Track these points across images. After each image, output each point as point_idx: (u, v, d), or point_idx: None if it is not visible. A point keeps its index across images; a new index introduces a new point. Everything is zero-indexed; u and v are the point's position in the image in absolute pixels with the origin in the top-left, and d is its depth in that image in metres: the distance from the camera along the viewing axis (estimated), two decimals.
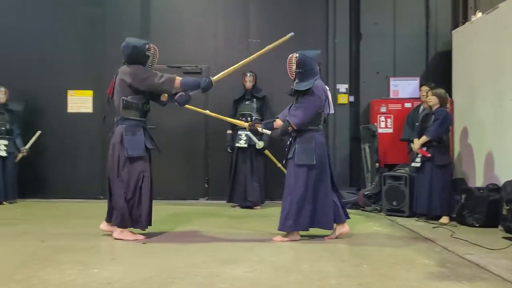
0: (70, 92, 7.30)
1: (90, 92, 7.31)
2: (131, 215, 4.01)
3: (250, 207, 6.26)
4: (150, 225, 4.17)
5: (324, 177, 4.07)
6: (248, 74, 6.47)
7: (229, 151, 6.52)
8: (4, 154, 6.52)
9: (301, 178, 4.00)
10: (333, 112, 4.38)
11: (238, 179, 6.37)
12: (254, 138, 6.19)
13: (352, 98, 7.09)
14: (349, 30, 7.13)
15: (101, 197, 7.11)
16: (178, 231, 4.50)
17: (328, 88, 4.26)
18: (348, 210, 6.11)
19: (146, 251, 3.66)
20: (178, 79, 4.09)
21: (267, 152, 6.35)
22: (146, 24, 7.29)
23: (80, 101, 7.32)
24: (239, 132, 6.33)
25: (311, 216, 4.04)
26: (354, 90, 7.12)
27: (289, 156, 4.12)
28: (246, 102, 6.47)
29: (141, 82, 4.02)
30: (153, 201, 3.94)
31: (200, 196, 7.18)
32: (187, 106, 4.46)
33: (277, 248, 3.83)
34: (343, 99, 7.02)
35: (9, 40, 7.21)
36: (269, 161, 6.48)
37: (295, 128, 4.03)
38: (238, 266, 3.19)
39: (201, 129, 7.16)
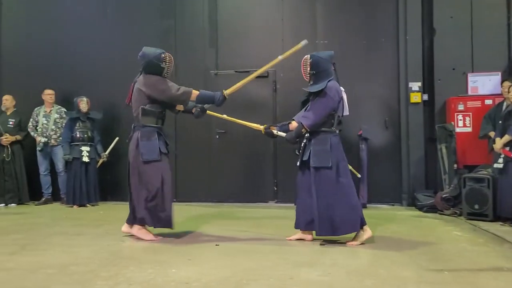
0: None
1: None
2: (154, 216, 4.13)
3: None
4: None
5: (342, 179, 3.93)
6: None
7: (298, 153, 6.46)
8: (86, 159, 6.97)
9: (319, 180, 3.92)
10: (348, 113, 4.16)
11: None
12: None
13: (426, 97, 6.77)
14: (421, 25, 6.81)
15: (174, 199, 7.39)
16: (249, 233, 4.54)
17: (343, 89, 4.10)
18: (425, 214, 5.92)
19: (220, 252, 3.73)
20: (195, 92, 4.21)
21: None
22: (214, 31, 7.47)
23: None
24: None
25: (333, 221, 3.90)
26: (428, 88, 6.79)
27: (304, 158, 4.03)
28: None
29: (160, 93, 4.16)
30: (224, 204, 4.03)
31: (269, 199, 7.21)
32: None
33: (350, 252, 3.73)
34: (416, 98, 6.72)
35: (90, 55, 7.72)
36: None
37: (308, 129, 3.96)
38: (312, 270, 3.15)
39: None
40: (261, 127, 4.37)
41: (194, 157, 7.41)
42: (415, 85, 6.74)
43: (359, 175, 6.46)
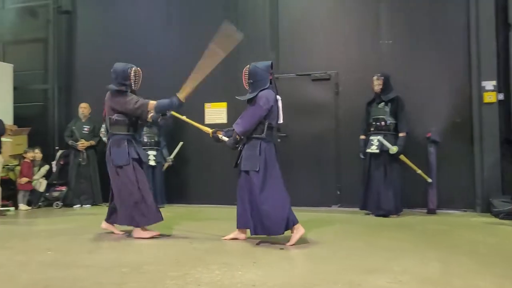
0: (207, 104, 7.82)
1: (224, 104, 7.74)
2: (136, 214, 4.48)
3: (384, 216, 5.98)
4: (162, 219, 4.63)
5: (270, 183, 4.09)
6: (375, 77, 6.20)
7: (362, 157, 6.33)
8: (153, 163, 7.23)
9: (247, 183, 4.12)
10: (281, 122, 4.31)
11: (371, 186, 6.14)
12: (386, 143, 5.94)
13: (501, 96, 6.35)
14: (495, 21, 6.40)
15: (236, 203, 7.47)
16: (314, 238, 4.48)
17: (279, 98, 4.26)
18: (502, 221, 5.54)
19: (284, 256, 3.71)
20: (152, 103, 4.49)
21: (402, 157, 6.03)
22: (275, 35, 7.50)
23: (215, 113, 7.81)
24: (371, 138, 6.12)
25: (257, 221, 4.07)
26: (503, 87, 6.38)
27: (238, 161, 4.27)
28: (379, 106, 6.22)
29: (121, 107, 4.54)
30: None
31: (333, 203, 7.09)
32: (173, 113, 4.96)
33: (421, 259, 3.57)
34: (490, 97, 6.32)
35: (156, 62, 8.03)
36: (406, 166, 6.16)
37: (239, 135, 4.15)
38: (380, 276, 3.05)
39: (332, 135, 7.10)
40: (210, 131, 4.55)
41: None
42: (489, 84, 6.34)
43: (429, 180, 6.19)
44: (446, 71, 6.64)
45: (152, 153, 7.23)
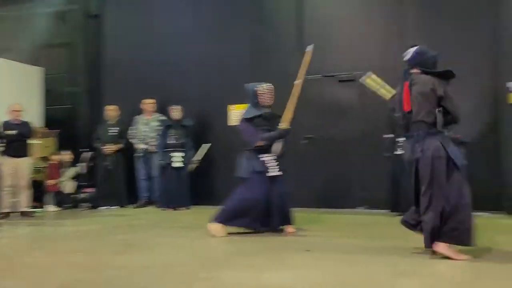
0: (230, 106, 7.84)
1: (247, 106, 7.74)
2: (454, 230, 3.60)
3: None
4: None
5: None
6: None
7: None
8: (180, 165, 7.31)
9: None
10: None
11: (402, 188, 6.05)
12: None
13: None
14: None
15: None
16: (340, 240, 4.44)
17: None
18: None
19: (312, 258, 3.69)
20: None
21: None
22: (299, 36, 7.46)
23: (239, 115, 7.83)
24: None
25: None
26: None
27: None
28: None
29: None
30: (310, 209, 4.05)
31: (357, 205, 7.04)
32: None
33: (452, 263, 3.45)
34: None
35: (184, 65, 8.12)
36: None
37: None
38: (412, 280, 3.01)
39: (358, 136, 7.04)
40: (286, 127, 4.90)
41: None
42: None
43: None
44: (472, 72, 6.47)
45: (178, 155, 7.29)
